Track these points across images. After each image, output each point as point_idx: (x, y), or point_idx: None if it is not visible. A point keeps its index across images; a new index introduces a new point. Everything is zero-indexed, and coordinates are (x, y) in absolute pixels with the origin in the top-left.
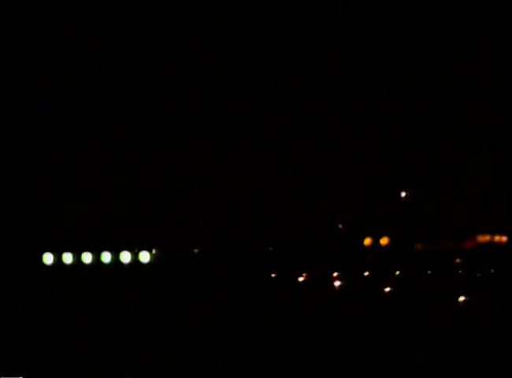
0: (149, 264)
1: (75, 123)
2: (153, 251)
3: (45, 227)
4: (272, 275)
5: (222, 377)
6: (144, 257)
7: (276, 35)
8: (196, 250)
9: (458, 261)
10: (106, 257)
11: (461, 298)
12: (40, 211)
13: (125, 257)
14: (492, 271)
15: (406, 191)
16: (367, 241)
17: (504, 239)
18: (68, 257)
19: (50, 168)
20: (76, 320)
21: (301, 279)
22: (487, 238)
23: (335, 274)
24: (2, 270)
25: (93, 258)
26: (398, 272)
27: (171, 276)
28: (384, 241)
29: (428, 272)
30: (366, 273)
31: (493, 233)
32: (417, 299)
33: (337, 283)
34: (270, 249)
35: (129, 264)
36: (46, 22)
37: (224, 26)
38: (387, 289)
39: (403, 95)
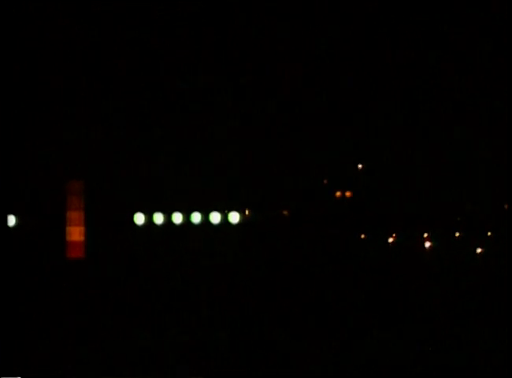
0: (238, 224)
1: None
2: (247, 212)
3: (137, 189)
4: (362, 236)
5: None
6: (234, 217)
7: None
8: (286, 212)
9: None
10: (196, 217)
11: None
12: (131, 174)
13: (215, 217)
14: None
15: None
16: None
17: None
18: (158, 218)
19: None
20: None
21: (390, 240)
22: None
23: (425, 235)
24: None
25: (183, 219)
26: (489, 233)
27: (260, 237)
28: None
29: None
30: (457, 234)
31: None
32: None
33: (427, 244)
34: (359, 210)
35: (219, 225)
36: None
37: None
38: (479, 250)
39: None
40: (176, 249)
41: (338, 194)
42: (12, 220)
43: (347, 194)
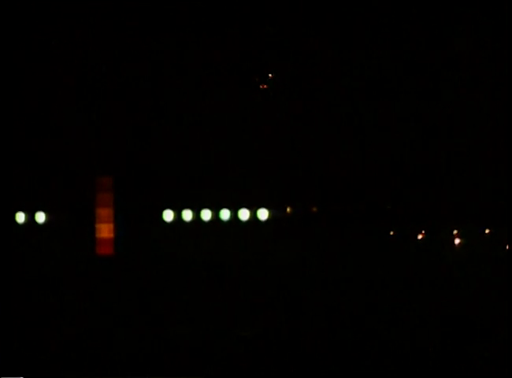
0: (266, 222)
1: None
2: (288, 209)
3: (166, 186)
4: (391, 232)
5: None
6: (262, 214)
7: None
8: (314, 209)
9: None
10: (225, 214)
11: None
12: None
13: (243, 214)
14: None
15: None
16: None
17: None
18: (187, 215)
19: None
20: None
21: (419, 236)
22: None
23: (455, 231)
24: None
25: (212, 216)
26: None
27: (289, 234)
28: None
29: None
30: (487, 231)
31: None
32: None
33: (457, 241)
34: (388, 206)
35: (247, 222)
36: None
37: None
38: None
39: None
40: (204, 246)
41: (367, 191)
42: (41, 217)
43: (376, 190)
